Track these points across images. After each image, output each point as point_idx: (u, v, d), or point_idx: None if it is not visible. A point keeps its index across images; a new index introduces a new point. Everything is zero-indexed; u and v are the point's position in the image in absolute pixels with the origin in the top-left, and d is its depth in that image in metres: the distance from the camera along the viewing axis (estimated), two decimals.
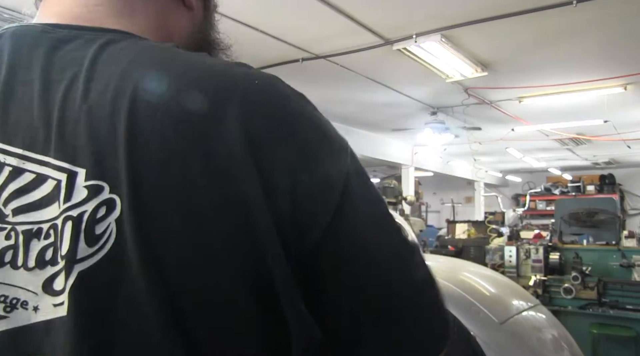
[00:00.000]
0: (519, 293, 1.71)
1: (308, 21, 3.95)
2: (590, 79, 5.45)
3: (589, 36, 4.30)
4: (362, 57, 4.58)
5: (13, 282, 0.42)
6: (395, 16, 3.84)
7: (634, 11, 3.78)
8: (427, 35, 4.16)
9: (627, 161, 11.74)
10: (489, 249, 5.04)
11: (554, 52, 4.69)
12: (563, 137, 8.57)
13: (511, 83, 5.56)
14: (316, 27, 4.06)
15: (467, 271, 1.78)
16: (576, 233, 5.09)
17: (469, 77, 5.18)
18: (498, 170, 13.40)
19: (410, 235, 2.00)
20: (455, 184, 13.02)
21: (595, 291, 3.85)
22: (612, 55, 4.76)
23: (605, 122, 6.84)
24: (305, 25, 4.03)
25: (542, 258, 4.30)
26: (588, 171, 12.94)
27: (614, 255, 4.18)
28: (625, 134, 7.85)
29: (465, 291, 1.49)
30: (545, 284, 4.12)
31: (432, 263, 1.90)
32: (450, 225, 7.61)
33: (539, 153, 10.69)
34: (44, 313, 0.41)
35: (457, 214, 11.11)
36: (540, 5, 3.65)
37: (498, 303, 1.56)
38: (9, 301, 0.42)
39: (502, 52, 4.75)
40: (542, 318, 1.57)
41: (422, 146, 9.05)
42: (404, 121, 7.35)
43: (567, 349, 1.47)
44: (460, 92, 5.95)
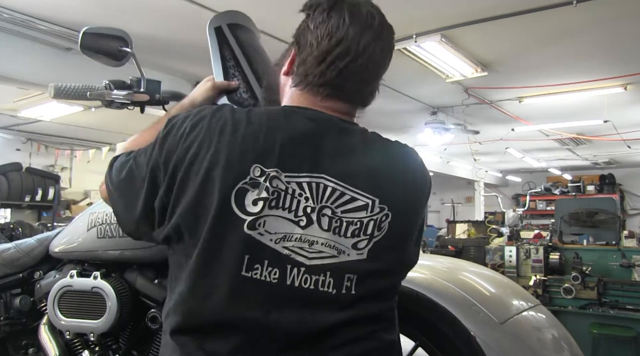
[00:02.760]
0: (519, 293, 1.71)
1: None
2: (590, 79, 5.45)
3: (589, 36, 4.30)
4: None
5: (339, 242, 0.89)
6: (395, 16, 3.82)
7: (633, 11, 3.78)
8: (427, 35, 4.16)
9: (627, 161, 11.74)
10: (489, 249, 5.04)
11: (554, 52, 4.69)
12: (563, 137, 8.57)
13: (511, 83, 5.56)
14: None
15: (467, 271, 1.77)
16: (576, 233, 5.09)
17: (469, 77, 5.18)
18: (498, 170, 13.40)
19: None
20: (455, 184, 13.02)
21: (595, 291, 3.85)
22: (612, 55, 4.76)
23: (605, 122, 6.83)
24: None
25: (542, 258, 4.30)
26: (588, 171, 12.94)
27: (614, 255, 4.18)
28: (625, 134, 7.85)
29: (465, 291, 1.49)
30: (545, 284, 4.12)
31: (432, 263, 1.89)
32: (450, 225, 7.61)
33: (539, 153, 10.70)
34: (352, 257, 0.90)
35: (457, 214, 11.11)
36: (540, 5, 3.65)
37: (498, 303, 1.56)
38: (337, 249, 0.89)
39: (502, 52, 4.75)
40: (542, 318, 1.57)
41: (422, 146, 9.05)
42: (403, 120, 7.35)
43: (567, 349, 1.47)
44: (460, 92, 5.95)
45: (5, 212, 8.16)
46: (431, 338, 1.38)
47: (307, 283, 0.86)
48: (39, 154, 8.53)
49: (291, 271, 0.86)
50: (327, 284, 0.87)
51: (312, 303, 0.87)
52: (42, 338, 1.54)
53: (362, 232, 0.90)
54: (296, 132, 0.91)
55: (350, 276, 0.88)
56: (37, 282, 1.65)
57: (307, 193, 0.88)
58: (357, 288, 0.89)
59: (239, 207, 0.86)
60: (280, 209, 0.87)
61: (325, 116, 0.95)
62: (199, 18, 3.61)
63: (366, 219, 0.90)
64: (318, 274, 0.87)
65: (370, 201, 0.91)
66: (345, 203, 0.90)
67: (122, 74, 1.35)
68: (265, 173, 0.87)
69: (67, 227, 1.64)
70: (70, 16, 3.91)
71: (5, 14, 3.82)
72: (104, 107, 1.38)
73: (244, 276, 0.85)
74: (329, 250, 0.88)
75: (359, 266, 0.89)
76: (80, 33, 1.25)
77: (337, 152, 0.92)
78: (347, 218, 0.89)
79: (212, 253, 0.87)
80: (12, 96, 5.68)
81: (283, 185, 0.88)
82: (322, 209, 0.89)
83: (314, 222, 0.88)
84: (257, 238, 0.86)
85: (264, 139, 0.89)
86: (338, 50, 0.94)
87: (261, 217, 0.86)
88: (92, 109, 5.96)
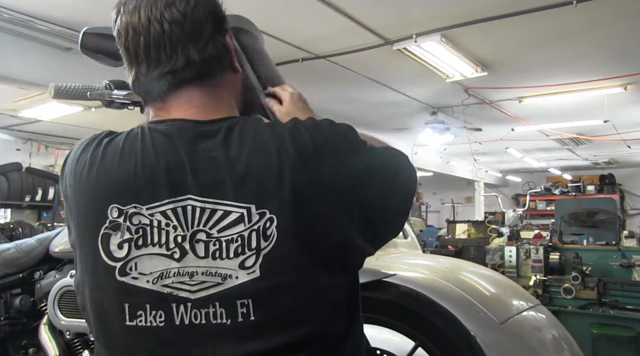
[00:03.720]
0: (519, 293, 1.71)
1: (308, 21, 3.95)
2: (590, 79, 5.45)
3: (589, 36, 4.30)
4: (362, 57, 4.58)
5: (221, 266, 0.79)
6: (395, 16, 3.84)
7: (633, 11, 3.78)
8: (427, 35, 4.16)
9: (627, 161, 11.74)
10: (489, 249, 5.04)
11: (554, 52, 4.69)
12: (563, 137, 8.57)
13: (511, 83, 5.56)
14: (316, 27, 4.06)
15: (467, 271, 1.77)
16: (576, 233, 5.09)
17: (469, 77, 5.18)
18: (498, 170, 13.40)
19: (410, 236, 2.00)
20: (455, 184, 13.02)
21: (595, 291, 3.85)
22: (612, 55, 4.76)
23: (605, 122, 6.83)
24: (305, 25, 4.03)
25: (542, 258, 4.30)
26: (588, 171, 12.93)
27: (614, 255, 4.17)
28: (625, 134, 7.85)
29: (465, 291, 1.49)
30: (545, 284, 4.12)
31: (432, 263, 1.89)
32: (450, 225, 7.61)
33: (539, 153, 10.69)
34: (242, 279, 0.78)
35: (457, 214, 11.11)
36: (540, 5, 3.65)
37: (498, 303, 1.56)
38: (220, 275, 0.79)
39: (502, 52, 4.75)
40: (542, 318, 1.57)
41: (422, 146, 9.05)
42: (404, 120, 7.35)
43: (567, 349, 1.47)
44: (460, 92, 5.94)
45: (5, 212, 8.16)
46: (431, 338, 1.38)
47: (198, 319, 0.78)
48: (39, 154, 8.53)
49: (177, 309, 0.78)
50: (220, 315, 0.78)
51: (209, 339, 0.78)
52: (42, 338, 1.54)
53: (247, 248, 0.78)
54: (149, 155, 0.82)
55: (244, 301, 0.78)
56: (37, 282, 1.65)
57: (175, 220, 0.79)
58: (257, 313, 0.78)
59: (106, 254, 0.80)
60: (150, 246, 0.80)
61: (177, 125, 0.84)
62: None
63: (246, 231, 0.78)
64: (207, 307, 0.78)
65: (244, 210, 0.78)
66: (219, 220, 0.79)
67: (122, 74, 1.35)
68: (123, 212, 0.80)
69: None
70: (70, 16, 3.91)
71: (5, 14, 3.82)
72: (104, 107, 1.38)
73: (129, 326, 0.79)
74: (211, 279, 0.78)
75: (251, 287, 0.78)
76: (80, 33, 1.25)
77: (197, 165, 0.80)
78: (226, 237, 0.79)
79: (100, 307, 0.83)
80: (12, 96, 5.67)
81: (147, 219, 0.80)
82: (194, 235, 0.79)
83: (188, 252, 0.79)
84: (131, 283, 0.79)
85: (117, 173, 0.82)
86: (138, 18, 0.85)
87: (130, 260, 0.80)
88: (92, 109, 5.95)
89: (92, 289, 0.84)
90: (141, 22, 0.85)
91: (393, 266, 1.58)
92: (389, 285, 1.43)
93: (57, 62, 4.48)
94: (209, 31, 0.87)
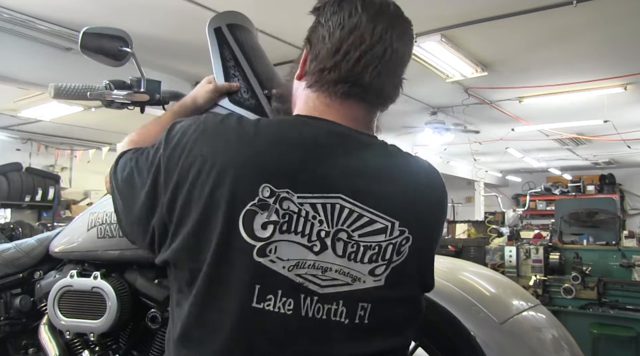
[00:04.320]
0: (519, 293, 1.71)
1: (308, 21, 3.94)
2: (590, 79, 5.45)
3: (589, 36, 4.30)
4: None
5: (354, 268, 0.83)
6: None
7: (633, 11, 3.78)
8: (427, 35, 4.16)
9: (627, 161, 11.74)
10: (489, 249, 5.04)
11: (554, 52, 4.69)
12: (563, 137, 8.57)
13: (511, 83, 5.56)
14: None
15: (467, 271, 1.77)
16: (576, 233, 5.09)
17: (469, 77, 5.18)
18: (498, 170, 13.40)
19: None
20: (455, 184, 13.00)
21: (595, 291, 3.85)
22: (612, 55, 4.76)
23: (605, 122, 6.83)
24: (305, 25, 4.02)
25: (542, 258, 4.30)
26: (588, 171, 12.93)
27: (614, 255, 4.17)
28: (625, 134, 7.85)
29: (465, 291, 1.49)
30: (545, 284, 4.12)
31: None
32: (450, 225, 7.60)
33: (539, 153, 10.69)
34: (368, 284, 0.84)
35: (457, 214, 11.09)
36: (540, 5, 3.65)
37: (498, 303, 1.56)
38: (351, 276, 0.83)
39: (502, 52, 4.75)
40: (542, 318, 1.57)
41: (422, 146, 9.05)
42: (403, 120, 7.35)
43: (567, 349, 1.47)
44: (460, 92, 5.95)
45: (5, 212, 8.16)
46: (431, 338, 1.38)
47: (320, 313, 0.81)
48: (39, 154, 8.53)
49: (304, 300, 0.80)
50: (340, 314, 0.81)
51: (324, 334, 0.81)
52: (42, 338, 1.54)
53: (380, 257, 0.84)
54: (310, 148, 0.84)
55: (364, 304, 0.83)
56: (37, 282, 1.65)
57: (322, 215, 0.81)
58: (371, 318, 0.83)
59: (247, 232, 0.79)
60: (293, 233, 0.81)
61: (342, 129, 0.88)
62: (199, 18, 3.61)
63: (385, 243, 0.84)
64: (330, 304, 0.81)
65: (389, 223, 0.84)
66: (363, 225, 0.83)
67: (122, 74, 1.35)
68: (275, 194, 0.80)
69: (67, 227, 1.64)
70: (70, 16, 3.91)
71: (5, 14, 3.82)
72: (104, 107, 1.38)
73: (255, 307, 0.79)
74: (342, 277, 0.82)
75: (374, 293, 0.83)
76: (80, 33, 1.25)
77: (355, 170, 0.84)
78: (365, 242, 0.83)
79: (217, 283, 0.80)
80: (12, 96, 5.67)
81: (295, 207, 0.81)
82: (337, 233, 0.82)
83: (328, 247, 0.81)
84: (268, 266, 0.79)
85: (274, 156, 0.82)
86: (352, 39, 0.87)
87: (272, 242, 0.80)
88: (92, 109, 5.96)
89: (215, 267, 0.80)
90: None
91: None
92: None
93: (57, 62, 4.48)
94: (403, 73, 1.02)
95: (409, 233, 0.86)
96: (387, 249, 0.84)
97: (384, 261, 0.84)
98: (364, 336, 0.83)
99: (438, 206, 0.94)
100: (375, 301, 0.84)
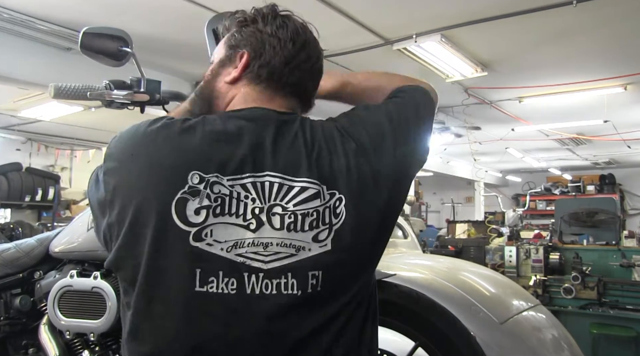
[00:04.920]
0: (519, 293, 1.71)
1: (308, 21, 3.94)
2: (590, 79, 5.45)
3: (589, 36, 4.30)
4: (362, 57, 4.58)
5: (296, 238, 0.85)
6: (395, 16, 3.84)
7: (634, 11, 3.78)
8: (427, 35, 4.16)
9: (627, 161, 11.74)
10: (489, 249, 5.04)
11: (554, 52, 4.69)
12: (563, 137, 8.57)
13: (511, 83, 5.56)
14: (316, 27, 4.06)
15: (467, 271, 1.77)
16: (576, 233, 5.08)
17: (469, 77, 5.18)
18: (498, 170, 13.40)
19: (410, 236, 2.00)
20: (455, 184, 13.01)
21: (595, 291, 3.85)
22: (612, 55, 4.76)
23: (605, 122, 6.84)
24: None
25: (542, 258, 4.30)
26: (588, 171, 12.93)
27: (614, 255, 4.17)
28: (625, 134, 7.85)
29: (465, 291, 1.49)
30: (545, 284, 4.12)
31: (432, 263, 1.89)
32: (450, 225, 7.61)
33: (539, 153, 10.69)
34: (315, 251, 0.85)
35: (457, 214, 11.11)
36: (540, 5, 3.65)
37: (498, 303, 1.56)
38: (294, 246, 0.84)
39: (502, 52, 4.75)
40: (542, 318, 1.57)
41: None
42: None
43: (567, 349, 1.47)
44: (460, 92, 5.95)
45: (5, 212, 8.16)
46: (431, 338, 1.38)
47: (269, 289, 0.82)
48: (39, 154, 8.52)
49: (249, 278, 0.82)
50: (291, 286, 0.83)
51: (277, 309, 0.82)
52: (42, 338, 1.54)
53: (321, 222, 0.86)
54: (233, 134, 0.88)
55: (315, 272, 0.84)
56: (37, 282, 1.65)
57: (254, 193, 0.85)
58: (324, 285, 0.84)
59: (180, 219, 0.83)
60: (227, 215, 0.84)
61: (262, 112, 0.93)
62: (199, 18, 3.60)
63: (322, 207, 0.86)
64: (279, 278, 0.83)
65: (320, 188, 0.87)
66: (296, 195, 0.86)
67: (122, 74, 1.36)
68: (205, 180, 0.84)
69: (67, 227, 1.64)
70: (70, 16, 3.91)
71: (5, 14, 3.82)
72: (104, 107, 1.38)
73: (199, 291, 0.81)
74: (286, 249, 0.84)
75: (323, 259, 0.85)
76: (80, 33, 1.26)
77: (277, 146, 0.89)
78: (302, 210, 0.85)
79: (158, 274, 0.83)
80: (12, 96, 5.68)
81: (227, 190, 0.84)
82: (271, 208, 0.85)
83: (264, 223, 0.84)
84: (206, 249, 0.82)
85: (202, 146, 0.86)
86: (304, 55, 0.99)
87: (207, 226, 0.83)
88: (92, 109, 5.96)
89: (153, 258, 0.83)
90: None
91: (393, 266, 1.58)
92: (389, 285, 1.43)
93: (57, 62, 4.48)
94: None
95: (340, 193, 0.88)
96: (325, 213, 0.86)
97: (325, 225, 0.86)
98: (319, 305, 0.85)
99: (366, 163, 0.91)
100: (326, 267, 0.85)
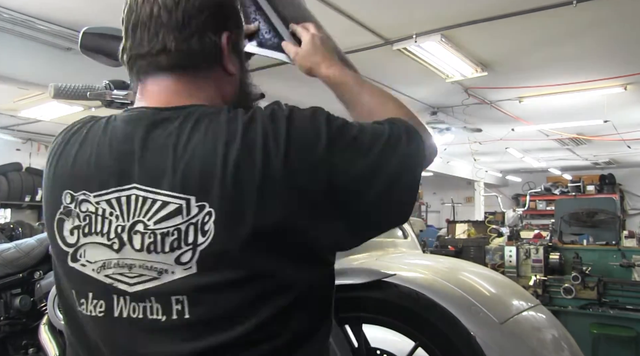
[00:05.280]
0: (519, 293, 1.71)
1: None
2: (590, 79, 5.45)
3: (589, 36, 4.30)
4: (362, 57, 4.58)
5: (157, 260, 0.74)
6: (395, 16, 3.84)
7: (634, 11, 3.78)
8: (427, 35, 4.16)
9: (627, 161, 11.74)
10: (489, 249, 5.04)
11: (554, 52, 4.69)
12: (563, 137, 8.57)
13: (511, 83, 5.56)
14: None
15: (467, 271, 1.78)
16: (576, 233, 5.09)
17: (469, 77, 5.18)
18: (498, 170, 13.40)
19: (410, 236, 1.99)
20: (455, 184, 13.01)
21: (595, 291, 3.85)
22: (612, 55, 4.76)
23: (605, 122, 6.84)
24: None
25: (542, 258, 4.30)
26: (588, 171, 12.93)
27: (614, 255, 4.17)
28: (625, 134, 7.85)
29: (465, 291, 1.49)
30: (545, 284, 4.12)
31: (432, 263, 1.89)
32: (450, 225, 7.61)
33: (539, 153, 10.69)
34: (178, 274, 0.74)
35: (457, 214, 11.10)
36: (540, 5, 3.65)
37: (498, 303, 1.56)
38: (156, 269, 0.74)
39: (502, 52, 4.75)
40: (542, 318, 1.57)
41: None
42: None
43: (567, 349, 1.47)
44: (460, 92, 5.95)
45: (5, 212, 8.16)
46: (431, 338, 1.38)
47: (136, 313, 0.76)
48: (39, 154, 8.53)
49: (117, 301, 0.77)
50: (156, 311, 0.75)
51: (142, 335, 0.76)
52: (42, 338, 1.54)
53: (183, 242, 0.73)
54: (104, 143, 0.80)
55: (179, 297, 0.74)
56: (37, 282, 1.65)
57: (117, 210, 0.77)
58: (192, 311, 0.73)
59: (61, 240, 0.81)
60: (94, 234, 0.78)
61: (136, 113, 0.82)
62: None
63: (184, 225, 0.73)
64: (144, 301, 0.75)
65: (184, 201, 0.73)
66: (157, 211, 0.75)
67: (122, 74, 1.36)
68: (74, 198, 0.80)
69: None
70: (70, 16, 3.91)
71: (5, 14, 3.82)
72: (104, 107, 1.38)
73: (78, 311, 0.80)
74: (148, 272, 0.75)
75: (187, 284, 0.73)
76: (80, 33, 1.26)
77: (145, 153, 0.77)
78: (161, 230, 0.74)
79: (60, 293, 0.86)
80: (12, 96, 5.67)
81: (93, 207, 0.78)
82: (134, 226, 0.76)
83: (125, 243, 0.76)
84: (80, 270, 0.79)
85: (74, 160, 0.82)
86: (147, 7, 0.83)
87: (80, 247, 0.80)
88: (92, 109, 5.94)
89: (57, 278, 0.87)
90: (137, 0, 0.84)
91: (393, 266, 1.59)
92: (389, 285, 1.43)
93: (57, 62, 4.48)
94: (199, 25, 0.82)
95: (210, 206, 0.72)
96: (189, 231, 0.73)
97: (187, 245, 0.73)
98: (189, 333, 0.74)
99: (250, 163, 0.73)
100: (191, 293, 0.74)
